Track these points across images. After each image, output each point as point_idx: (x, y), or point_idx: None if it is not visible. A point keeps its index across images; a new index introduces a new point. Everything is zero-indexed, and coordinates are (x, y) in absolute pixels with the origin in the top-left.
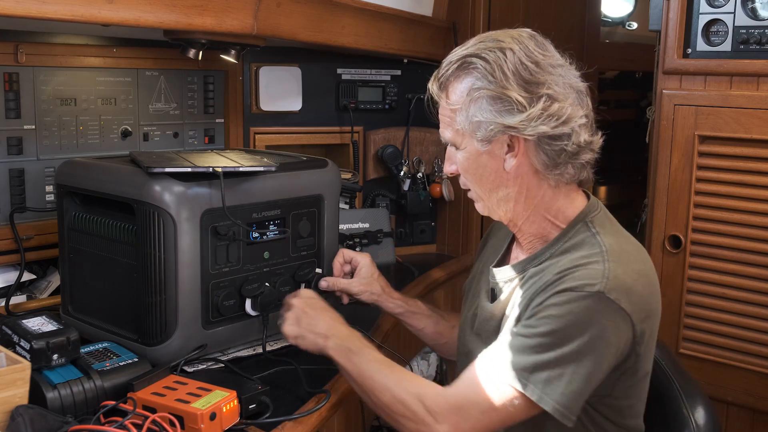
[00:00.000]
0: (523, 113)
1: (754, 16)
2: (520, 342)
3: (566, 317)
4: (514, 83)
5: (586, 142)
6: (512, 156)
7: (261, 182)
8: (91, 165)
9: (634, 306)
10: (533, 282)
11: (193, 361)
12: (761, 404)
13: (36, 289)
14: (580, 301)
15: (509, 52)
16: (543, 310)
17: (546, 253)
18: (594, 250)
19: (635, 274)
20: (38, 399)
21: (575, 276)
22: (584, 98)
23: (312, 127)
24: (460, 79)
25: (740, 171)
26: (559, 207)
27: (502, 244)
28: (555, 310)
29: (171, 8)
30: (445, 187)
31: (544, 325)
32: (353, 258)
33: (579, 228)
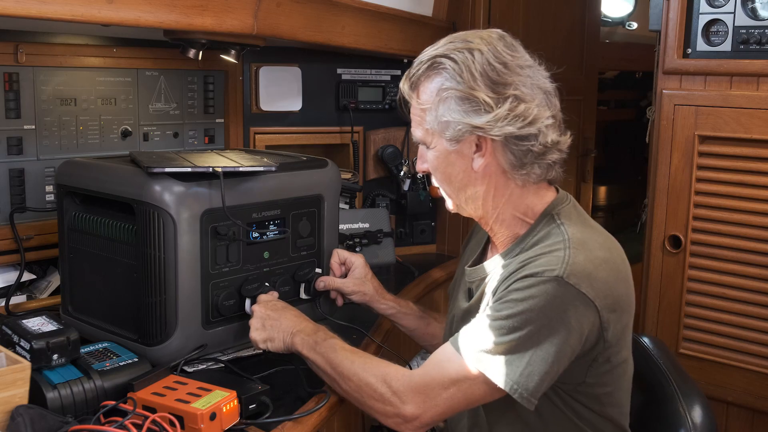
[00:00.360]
0: (490, 114)
1: (754, 16)
2: (483, 325)
3: (526, 301)
4: (482, 84)
5: (553, 142)
6: (480, 156)
7: (261, 182)
8: (91, 165)
9: (597, 292)
10: (501, 274)
11: (193, 361)
12: (761, 404)
13: (36, 289)
14: (540, 285)
15: (477, 53)
16: (506, 295)
17: (516, 249)
18: (557, 239)
19: (598, 260)
20: (38, 399)
21: (537, 263)
22: (552, 99)
23: (312, 127)
24: (430, 78)
25: (740, 171)
26: (528, 204)
27: (478, 245)
28: (516, 294)
29: (171, 8)
30: None
31: (505, 309)
32: (347, 258)
33: (546, 221)
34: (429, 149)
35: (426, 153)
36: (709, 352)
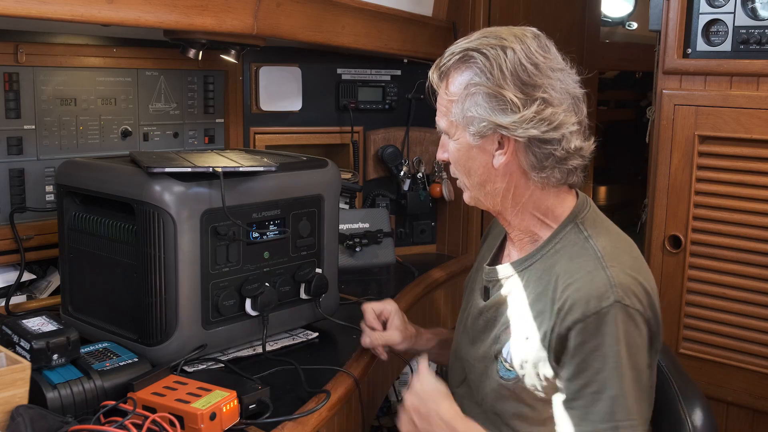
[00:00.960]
0: (516, 114)
1: (754, 16)
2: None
3: (601, 347)
4: (511, 83)
5: (576, 148)
6: (501, 154)
7: (261, 182)
8: (91, 165)
9: (643, 305)
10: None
11: (193, 361)
12: (761, 404)
13: (36, 289)
14: (604, 319)
15: (510, 51)
16: (571, 357)
17: (537, 255)
18: (590, 256)
19: (633, 271)
20: (38, 399)
21: (583, 295)
22: (580, 104)
23: (312, 127)
24: (460, 71)
25: (740, 171)
26: (548, 206)
27: (496, 242)
28: (589, 343)
29: (171, 8)
30: (445, 187)
31: (583, 374)
32: (382, 310)
33: (570, 229)
34: (451, 140)
35: (448, 143)
36: (709, 352)
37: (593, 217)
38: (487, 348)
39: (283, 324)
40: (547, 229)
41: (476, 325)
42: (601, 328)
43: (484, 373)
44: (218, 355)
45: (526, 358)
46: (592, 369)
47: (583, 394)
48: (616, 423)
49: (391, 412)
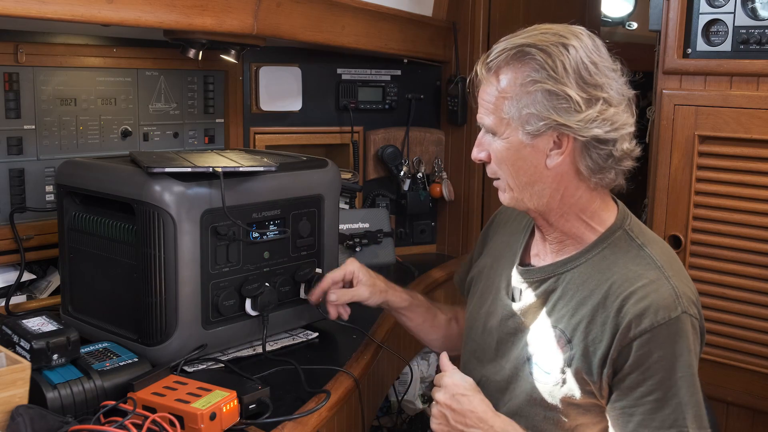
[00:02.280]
0: (580, 114)
1: (754, 16)
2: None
3: (661, 361)
4: (573, 81)
5: (629, 149)
6: (558, 154)
7: (261, 182)
8: (91, 165)
9: (700, 315)
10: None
11: (193, 361)
12: (761, 404)
13: (36, 289)
14: (667, 332)
15: (572, 49)
16: (634, 366)
17: (581, 258)
18: (650, 267)
19: (687, 280)
20: (38, 399)
21: (650, 306)
22: (632, 106)
23: (312, 127)
24: (514, 67)
25: (740, 171)
26: (594, 210)
27: (517, 240)
28: (656, 353)
29: (171, 8)
30: (445, 187)
31: (646, 382)
32: (344, 273)
33: (619, 235)
34: (497, 138)
35: (491, 142)
36: (709, 352)
37: (639, 225)
38: (519, 351)
39: (283, 324)
40: (593, 233)
41: (505, 326)
42: (671, 338)
43: (514, 375)
44: (218, 355)
45: (567, 363)
46: (657, 377)
47: (645, 402)
48: (683, 429)
49: (391, 412)
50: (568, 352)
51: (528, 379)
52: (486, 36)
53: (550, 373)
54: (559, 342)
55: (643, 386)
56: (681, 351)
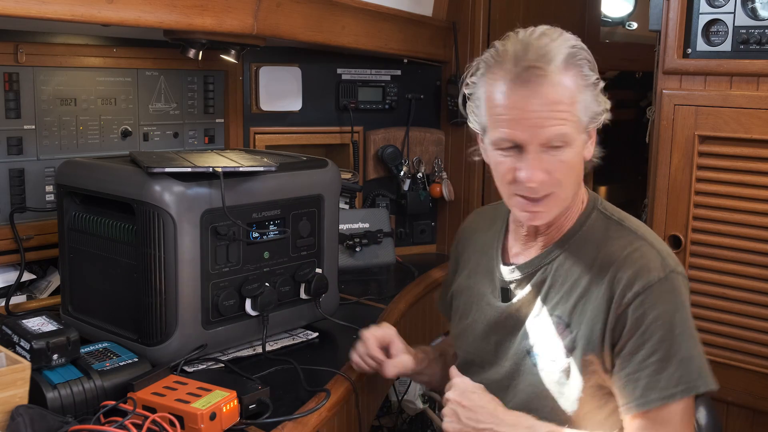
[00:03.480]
0: (605, 101)
1: (754, 16)
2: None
3: (665, 314)
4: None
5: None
6: (591, 144)
7: (261, 182)
8: (91, 165)
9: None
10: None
11: (193, 361)
12: (761, 404)
13: (36, 289)
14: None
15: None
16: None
17: (564, 244)
18: (633, 238)
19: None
20: (38, 399)
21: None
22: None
23: (312, 127)
24: (570, 71)
25: (740, 171)
26: (580, 193)
27: (491, 246)
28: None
29: (171, 8)
30: (445, 187)
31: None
32: (383, 336)
33: (595, 216)
34: (567, 149)
35: (559, 155)
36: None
37: (610, 204)
38: (516, 346)
39: (283, 324)
40: (572, 217)
41: (501, 327)
42: (664, 297)
43: (515, 371)
44: (218, 355)
45: (570, 347)
46: (656, 338)
47: (648, 364)
48: (690, 384)
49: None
50: (569, 336)
51: (532, 371)
52: (486, 36)
53: (555, 360)
54: (558, 328)
55: (644, 349)
56: (676, 308)
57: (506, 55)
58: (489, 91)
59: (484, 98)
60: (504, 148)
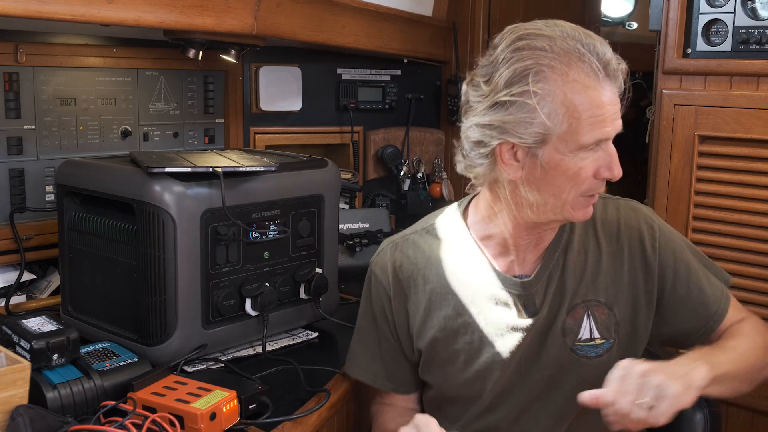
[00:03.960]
0: None
1: (754, 16)
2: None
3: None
4: None
5: None
6: None
7: (261, 182)
8: (91, 165)
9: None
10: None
11: (193, 361)
12: (761, 404)
13: (36, 289)
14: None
15: None
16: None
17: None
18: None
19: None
20: (38, 399)
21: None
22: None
23: (312, 127)
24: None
25: (740, 171)
26: None
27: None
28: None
29: (171, 8)
30: (445, 187)
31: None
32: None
33: None
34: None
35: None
36: None
37: None
38: (558, 349)
39: (283, 324)
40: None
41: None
42: (665, 226)
43: (561, 372)
44: (218, 355)
45: (615, 322)
46: (682, 264)
47: (697, 278)
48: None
49: None
50: (609, 312)
51: (582, 364)
52: (486, 36)
53: (605, 339)
54: (598, 310)
55: (677, 277)
56: (672, 234)
57: (581, 54)
58: (577, 93)
59: (562, 102)
60: (590, 148)
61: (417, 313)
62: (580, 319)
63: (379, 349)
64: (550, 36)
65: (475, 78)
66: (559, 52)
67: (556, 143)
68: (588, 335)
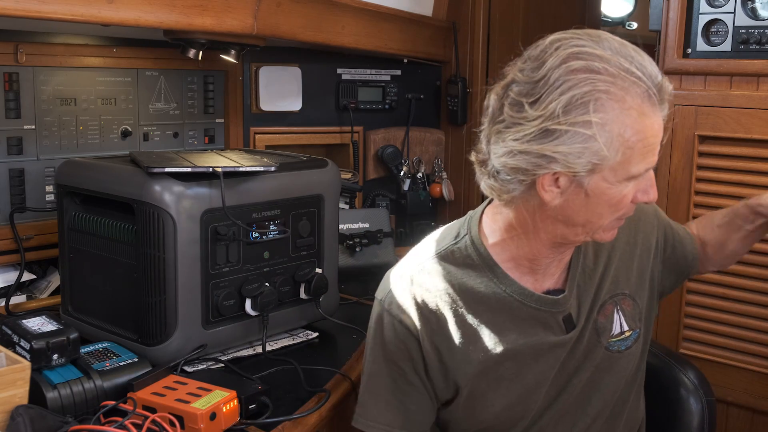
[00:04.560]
0: None
1: (754, 16)
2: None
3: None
4: None
5: None
6: None
7: (261, 182)
8: (91, 165)
9: None
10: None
11: (193, 361)
12: (761, 404)
13: (36, 289)
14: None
15: None
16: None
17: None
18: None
19: None
20: (38, 399)
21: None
22: None
23: (312, 127)
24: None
25: (740, 171)
26: None
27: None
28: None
29: (171, 8)
30: (445, 187)
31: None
32: None
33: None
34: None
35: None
36: (709, 352)
37: None
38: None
39: (283, 324)
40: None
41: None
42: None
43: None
44: (218, 355)
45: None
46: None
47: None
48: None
49: None
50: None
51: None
52: (486, 36)
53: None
54: (625, 302)
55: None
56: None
57: (635, 78)
58: (631, 121)
59: (618, 132)
60: (638, 176)
61: (452, 348)
62: (610, 315)
63: (394, 395)
64: (601, 56)
65: (511, 93)
66: (614, 75)
67: (606, 173)
68: (619, 330)
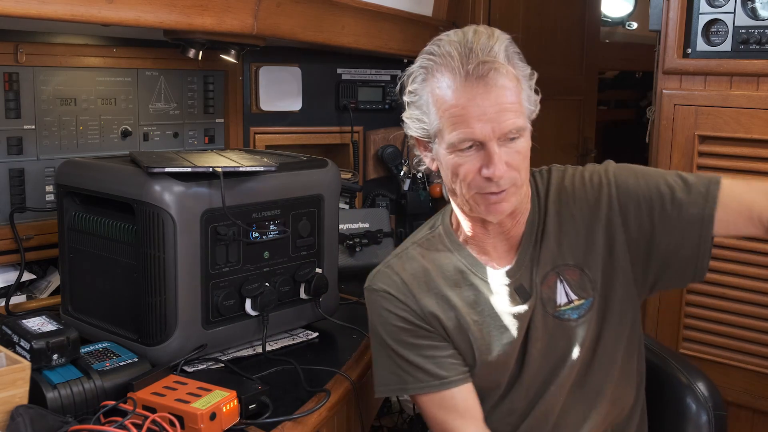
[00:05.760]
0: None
1: (754, 16)
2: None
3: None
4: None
5: None
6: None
7: (261, 182)
8: (91, 165)
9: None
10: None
11: (193, 361)
12: (761, 404)
13: (36, 289)
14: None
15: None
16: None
17: (536, 215)
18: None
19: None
20: (38, 399)
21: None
22: None
23: (312, 127)
24: (512, 63)
25: (740, 171)
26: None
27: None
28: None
29: (171, 8)
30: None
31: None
32: None
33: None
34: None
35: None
36: (709, 352)
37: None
38: (543, 319)
39: (283, 324)
40: (527, 199)
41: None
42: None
43: (553, 340)
44: (218, 355)
45: (591, 278)
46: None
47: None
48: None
49: (392, 412)
50: (580, 272)
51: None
52: None
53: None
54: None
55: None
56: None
57: (450, 56)
58: (439, 94)
59: (432, 102)
60: (463, 148)
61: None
62: (553, 285)
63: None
64: (442, 39)
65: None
66: (438, 54)
67: (439, 141)
68: (565, 299)
